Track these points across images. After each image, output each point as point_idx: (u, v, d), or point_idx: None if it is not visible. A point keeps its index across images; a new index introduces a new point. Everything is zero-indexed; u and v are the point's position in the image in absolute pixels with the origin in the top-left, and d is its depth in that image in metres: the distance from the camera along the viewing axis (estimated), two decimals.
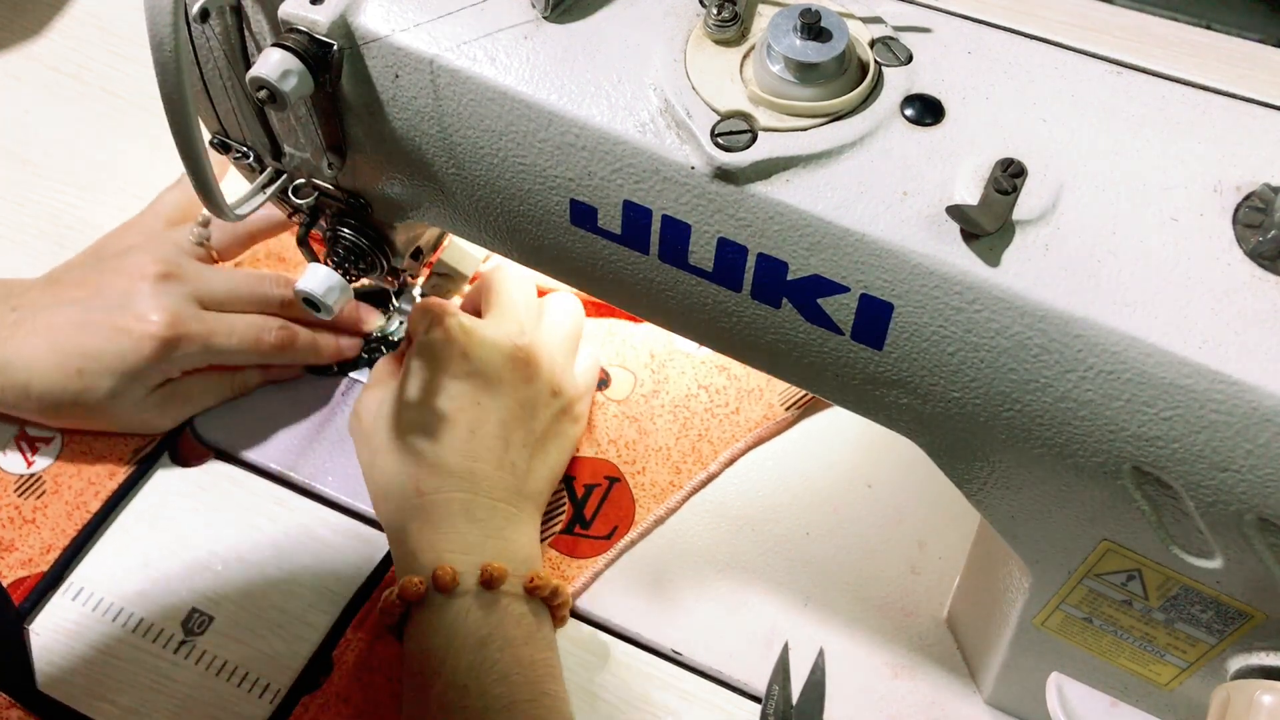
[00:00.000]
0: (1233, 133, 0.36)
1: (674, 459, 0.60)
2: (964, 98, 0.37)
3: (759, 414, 0.62)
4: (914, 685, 0.54)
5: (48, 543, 0.57)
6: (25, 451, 0.60)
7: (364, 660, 0.54)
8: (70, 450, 0.60)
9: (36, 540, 0.57)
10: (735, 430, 0.61)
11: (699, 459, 0.60)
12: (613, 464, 0.60)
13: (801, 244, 0.36)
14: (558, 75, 0.39)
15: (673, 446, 0.61)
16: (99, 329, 0.55)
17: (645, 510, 0.59)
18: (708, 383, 0.63)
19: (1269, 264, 0.33)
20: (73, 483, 0.59)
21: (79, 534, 0.57)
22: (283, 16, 0.40)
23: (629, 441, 0.61)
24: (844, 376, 0.39)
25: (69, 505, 0.58)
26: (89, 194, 0.72)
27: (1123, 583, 0.39)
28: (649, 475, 0.60)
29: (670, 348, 0.64)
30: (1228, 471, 0.33)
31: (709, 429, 0.61)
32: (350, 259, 0.52)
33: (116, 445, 0.60)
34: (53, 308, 0.56)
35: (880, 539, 0.58)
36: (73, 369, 0.55)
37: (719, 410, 0.62)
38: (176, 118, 0.40)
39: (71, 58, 0.79)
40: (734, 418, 0.62)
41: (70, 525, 0.57)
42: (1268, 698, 0.35)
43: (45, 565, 0.56)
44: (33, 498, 0.58)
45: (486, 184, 0.42)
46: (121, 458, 0.60)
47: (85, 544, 0.57)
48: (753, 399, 0.62)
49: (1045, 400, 0.35)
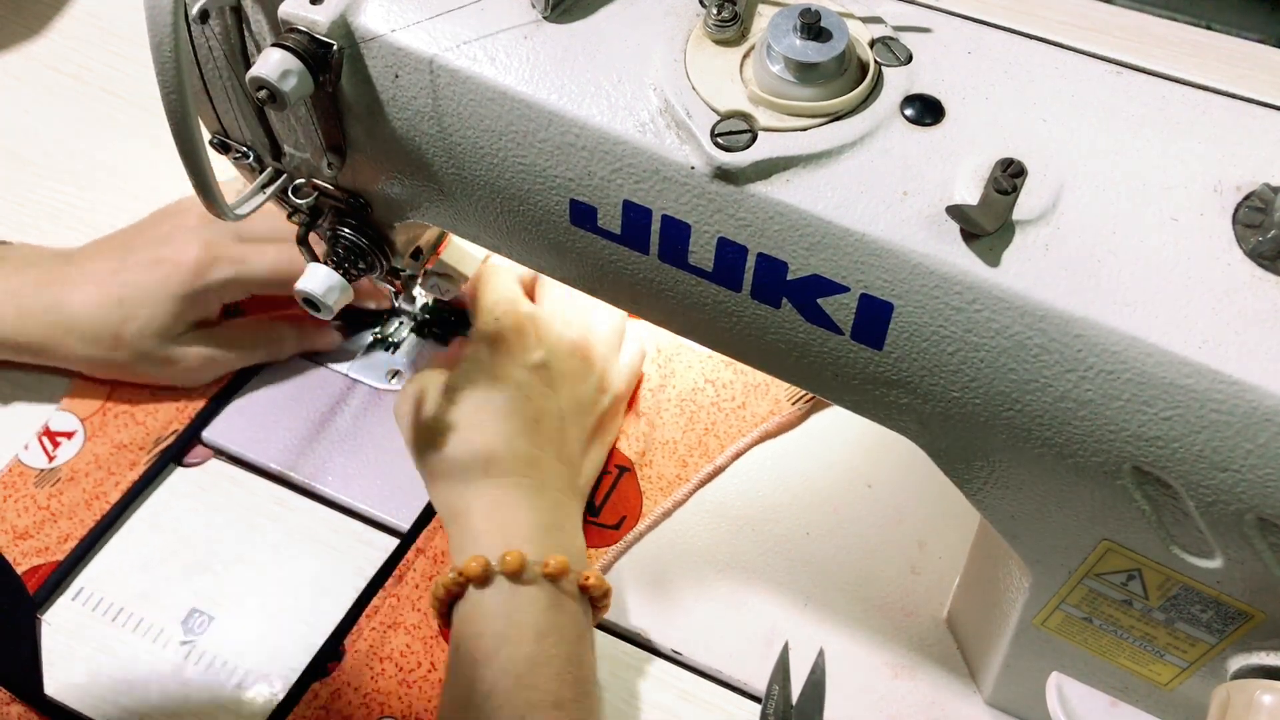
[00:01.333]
0: (1233, 133, 0.36)
1: (680, 452, 0.61)
2: (964, 98, 0.37)
3: (765, 409, 0.62)
4: (914, 685, 0.54)
5: (65, 532, 0.57)
6: (47, 446, 0.60)
7: (375, 649, 0.54)
8: (92, 445, 0.60)
9: (54, 530, 0.57)
10: (742, 425, 0.61)
11: (705, 453, 0.61)
12: (623, 453, 0.61)
13: (801, 244, 0.36)
14: (558, 75, 0.39)
15: (680, 440, 0.61)
16: (140, 264, 0.58)
17: (652, 503, 0.59)
18: (714, 377, 0.63)
19: (1269, 264, 0.33)
20: (93, 473, 0.59)
21: (99, 523, 0.58)
22: (283, 16, 0.40)
23: (639, 434, 0.61)
24: (844, 376, 0.39)
25: (88, 495, 0.59)
26: (89, 194, 0.72)
27: (1123, 582, 0.39)
28: (656, 468, 0.60)
29: (678, 341, 0.65)
30: (1228, 471, 0.33)
31: (715, 423, 0.62)
32: (350, 259, 0.52)
33: (137, 438, 0.61)
34: (102, 256, 0.59)
35: (880, 539, 0.58)
36: (114, 299, 0.57)
37: (726, 405, 0.62)
38: (176, 118, 0.40)
39: (71, 58, 0.79)
40: (740, 412, 0.62)
41: (90, 515, 0.58)
42: (1268, 697, 0.35)
43: (61, 555, 0.57)
44: (49, 486, 0.59)
45: (486, 184, 0.42)
46: (143, 447, 0.60)
47: (105, 533, 0.58)
48: (759, 394, 0.62)
49: (1045, 400, 0.35)
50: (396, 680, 0.53)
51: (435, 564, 0.56)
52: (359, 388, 0.63)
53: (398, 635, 0.54)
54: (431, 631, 0.54)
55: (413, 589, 0.56)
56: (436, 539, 0.57)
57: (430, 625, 0.55)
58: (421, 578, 0.56)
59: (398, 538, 0.58)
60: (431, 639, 0.54)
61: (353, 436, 0.61)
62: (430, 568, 0.56)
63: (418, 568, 0.56)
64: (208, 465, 0.61)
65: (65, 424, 0.61)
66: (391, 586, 0.56)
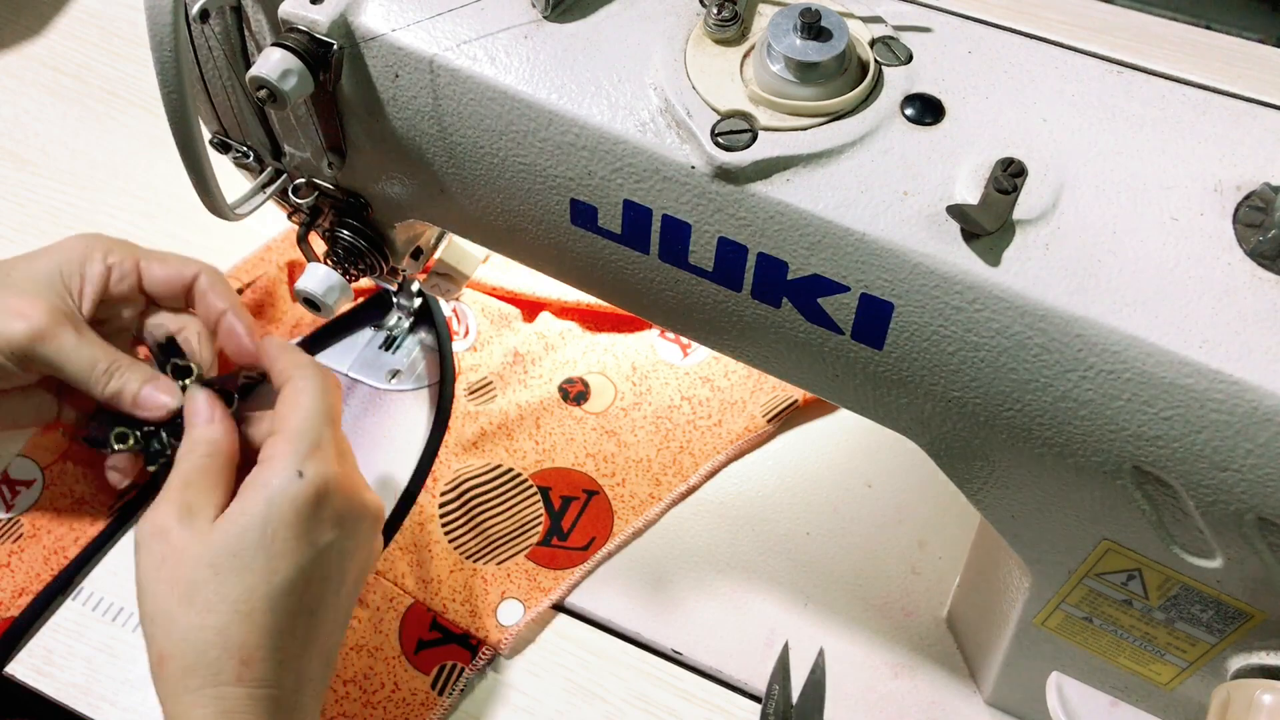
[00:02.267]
0: (1233, 133, 0.36)
1: (654, 471, 0.60)
2: (964, 97, 0.37)
3: (741, 426, 0.61)
4: (914, 685, 0.54)
5: (20, 587, 0.55)
6: (5, 494, 0.58)
7: (339, 672, 0.53)
8: (50, 493, 0.58)
9: (9, 584, 0.55)
10: (717, 442, 0.61)
11: (679, 471, 0.60)
12: (591, 477, 0.60)
13: (802, 243, 0.36)
14: (558, 75, 0.39)
15: (654, 458, 0.60)
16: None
17: (624, 522, 0.58)
18: (691, 394, 0.63)
19: (1269, 264, 0.33)
20: (53, 528, 0.57)
21: (53, 580, 0.55)
22: (283, 16, 0.40)
23: (607, 455, 0.61)
24: (844, 376, 0.39)
25: (47, 550, 0.57)
26: (89, 194, 0.72)
27: (1123, 582, 0.39)
28: (629, 487, 0.59)
29: (654, 359, 0.64)
30: (1228, 471, 0.33)
31: (691, 441, 0.61)
32: (350, 259, 0.52)
33: (99, 491, 0.58)
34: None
35: (880, 539, 0.58)
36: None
37: (701, 422, 0.62)
38: (176, 118, 0.40)
39: (71, 58, 0.79)
40: (716, 429, 0.61)
41: (46, 571, 0.56)
42: (1268, 697, 0.35)
43: (16, 610, 0.55)
44: (10, 542, 0.57)
45: (486, 184, 0.42)
46: (104, 504, 0.58)
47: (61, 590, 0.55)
48: (735, 411, 0.62)
49: (1045, 400, 0.35)
50: (361, 703, 0.53)
51: (396, 585, 0.56)
52: (359, 388, 0.63)
53: (360, 658, 0.54)
54: (394, 652, 0.54)
55: (374, 611, 0.55)
56: (396, 561, 0.56)
57: (392, 646, 0.54)
58: (382, 599, 0.55)
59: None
60: (394, 659, 0.54)
61: (353, 436, 0.61)
62: (391, 589, 0.56)
63: (378, 590, 0.56)
64: None
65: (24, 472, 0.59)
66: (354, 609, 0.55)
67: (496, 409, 0.61)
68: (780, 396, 0.62)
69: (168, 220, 0.70)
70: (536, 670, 0.55)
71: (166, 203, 0.71)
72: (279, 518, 0.43)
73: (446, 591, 0.56)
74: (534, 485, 0.59)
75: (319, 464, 0.44)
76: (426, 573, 0.56)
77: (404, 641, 0.54)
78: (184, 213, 0.70)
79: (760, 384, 0.63)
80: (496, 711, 0.53)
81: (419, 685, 0.53)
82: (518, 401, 0.62)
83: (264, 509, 0.43)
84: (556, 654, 0.55)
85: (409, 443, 0.61)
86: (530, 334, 0.65)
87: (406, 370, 0.64)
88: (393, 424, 0.62)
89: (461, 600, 0.55)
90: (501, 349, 0.64)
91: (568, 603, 0.56)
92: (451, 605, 0.55)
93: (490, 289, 0.66)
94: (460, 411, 0.61)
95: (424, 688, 0.53)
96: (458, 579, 0.56)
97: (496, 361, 0.64)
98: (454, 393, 0.62)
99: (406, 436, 0.61)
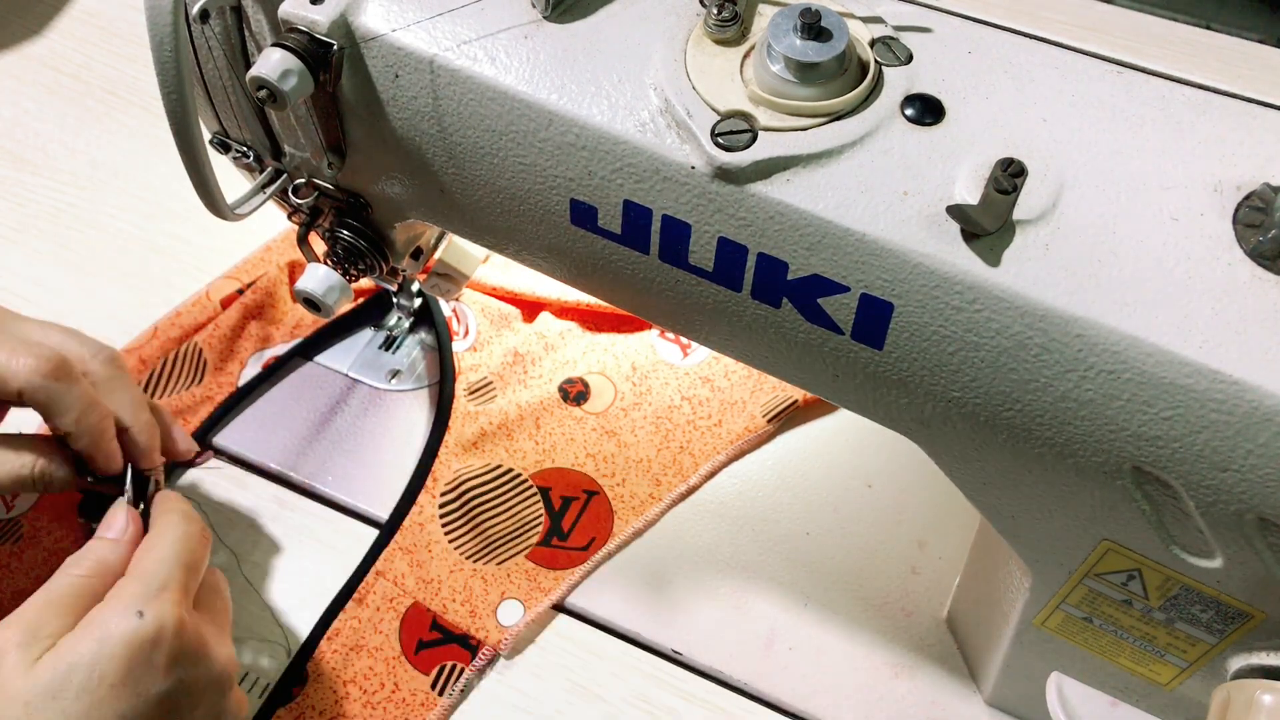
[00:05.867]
0: (1233, 133, 0.36)
1: (654, 471, 0.60)
2: (964, 98, 0.37)
3: (741, 426, 0.61)
4: (914, 685, 0.54)
5: (20, 587, 0.55)
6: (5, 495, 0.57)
7: (339, 672, 0.53)
8: (51, 494, 0.57)
9: (9, 585, 0.55)
10: (717, 443, 0.61)
11: (680, 471, 0.60)
12: (590, 477, 0.60)
13: (802, 244, 0.36)
14: (558, 75, 0.39)
15: (654, 459, 0.60)
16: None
17: (624, 522, 0.58)
18: (691, 394, 0.63)
19: (1269, 264, 0.33)
20: (52, 528, 0.57)
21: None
22: (283, 16, 0.40)
23: (607, 455, 0.61)
24: (844, 376, 0.39)
25: (47, 551, 0.56)
26: (89, 194, 0.72)
27: (1123, 582, 0.39)
28: (629, 487, 0.59)
29: (654, 359, 0.64)
30: (1228, 471, 0.33)
31: (691, 441, 0.61)
32: (350, 259, 0.52)
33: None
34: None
35: (880, 539, 0.58)
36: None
37: (701, 422, 0.62)
38: (176, 118, 0.40)
39: (71, 58, 0.79)
40: (716, 430, 0.61)
41: (46, 572, 0.54)
42: (1268, 697, 0.35)
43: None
44: (10, 542, 0.57)
45: (486, 184, 0.42)
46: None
47: None
48: (735, 411, 0.62)
49: (1045, 400, 0.35)
50: (361, 703, 0.53)
51: (396, 585, 0.56)
52: (359, 388, 0.63)
53: (360, 658, 0.54)
54: (394, 653, 0.54)
55: (374, 611, 0.55)
56: (396, 561, 0.57)
57: (392, 646, 0.54)
58: (382, 599, 0.55)
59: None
60: (394, 659, 0.54)
61: (353, 436, 0.61)
62: (391, 589, 0.56)
63: (378, 590, 0.56)
64: (207, 465, 0.61)
65: None
66: (353, 609, 0.55)
67: (496, 409, 0.61)
68: (780, 396, 0.62)
69: (168, 220, 0.70)
70: (536, 670, 0.55)
71: (166, 203, 0.71)
72: (108, 658, 0.39)
73: (446, 592, 0.56)
74: (534, 485, 0.59)
75: (162, 605, 0.41)
76: (426, 573, 0.56)
77: (404, 642, 0.54)
78: (184, 213, 0.70)
79: (760, 384, 0.63)
80: (496, 711, 0.53)
81: (419, 685, 0.53)
82: (518, 401, 0.62)
83: (95, 648, 0.39)
84: (556, 654, 0.55)
85: (409, 443, 0.61)
86: (530, 334, 0.65)
87: (406, 370, 0.64)
88: (393, 424, 0.62)
89: (461, 600, 0.55)
90: (501, 349, 0.64)
91: (568, 603, 0.56)
92: (451, 605, 0.55)
93: (490, 289, 0.66)
94: (460, 411, 0.62)
95: (424, 688, 0.53)
96: (457, 579, 0.56)
97: (496, 361, 0.64)
98: (454, 393, 0.62)
99: (406, 437, 0.61)
